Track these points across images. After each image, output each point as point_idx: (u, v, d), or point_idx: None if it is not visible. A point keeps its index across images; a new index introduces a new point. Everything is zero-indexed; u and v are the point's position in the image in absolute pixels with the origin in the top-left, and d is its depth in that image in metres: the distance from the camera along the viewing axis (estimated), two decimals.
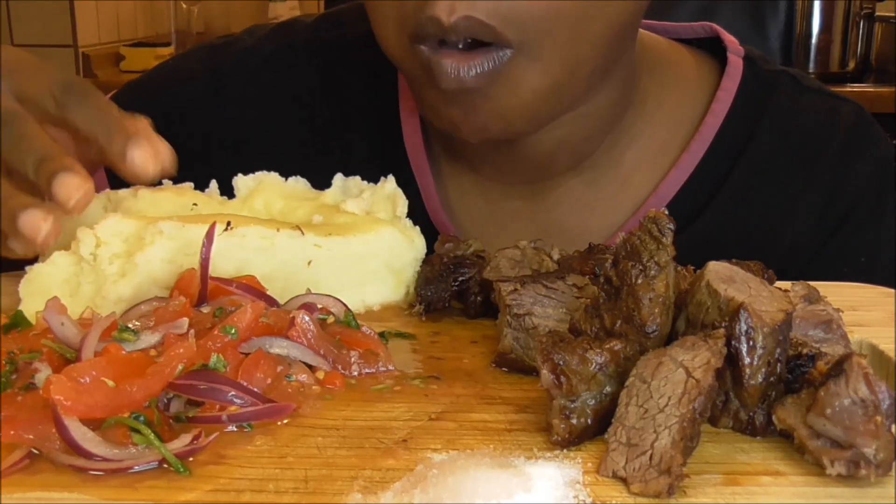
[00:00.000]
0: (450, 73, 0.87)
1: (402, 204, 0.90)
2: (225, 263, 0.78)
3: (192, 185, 0.89)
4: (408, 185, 1.08)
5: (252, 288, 0.76)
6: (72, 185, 0.73)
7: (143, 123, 0.80)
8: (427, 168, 1.09)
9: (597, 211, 1.07)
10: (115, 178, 1.15)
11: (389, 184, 0.91)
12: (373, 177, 0.95)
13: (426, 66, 0.89)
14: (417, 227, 0.90)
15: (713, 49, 1.13)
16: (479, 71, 0.87)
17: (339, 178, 0.93)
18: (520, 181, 1.07)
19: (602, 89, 0.99)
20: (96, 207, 0.84)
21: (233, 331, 0.67)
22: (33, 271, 0.77)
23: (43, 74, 0.81)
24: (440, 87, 0.89)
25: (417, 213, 1.08)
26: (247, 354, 0.67)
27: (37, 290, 0.76)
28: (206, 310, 0.73)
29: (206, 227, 0.77)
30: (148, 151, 0.77)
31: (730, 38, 1.12)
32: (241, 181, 0.90)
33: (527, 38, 0.87)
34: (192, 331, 0.68)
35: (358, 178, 0.93)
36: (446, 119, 0.93)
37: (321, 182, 0.94)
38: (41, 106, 0.79)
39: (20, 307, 0.75)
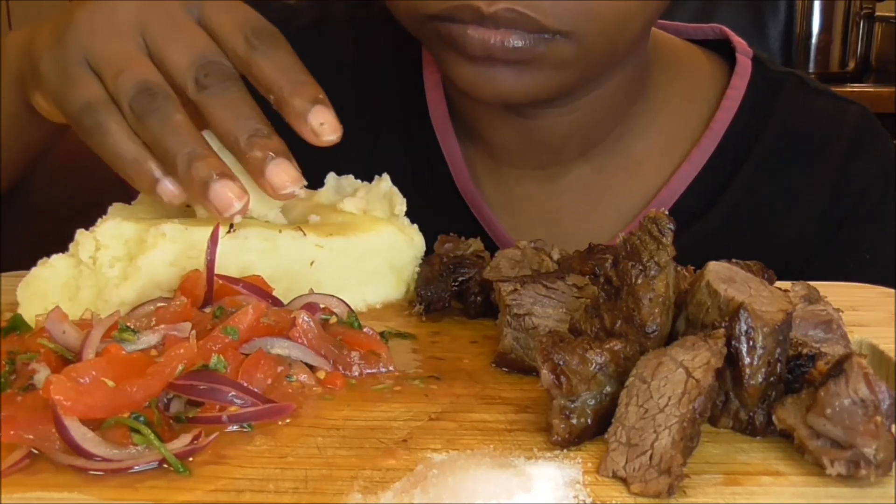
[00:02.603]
0: (477, 40, 0.85)
1: (401, 202, 0.90)
2: (228, 265, 0.78)
3: None
4: (435, 159, 1.09)
5: (258, 288, 0.76)
6: (231, 195, 0.72)
7: (319, 91, 0.77)
8: (454, 141, 1.09)
9: (607, 199, 1.08)
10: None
11: (385, 182, 0.91)
12: (401, 151, 0.94)
13: (449, 34, 0.87)
14: (415, 226, 0.90)
15: (722, 50, 1.14)
16: (513, 46, 0.85)
17: (332, 178, 0.93)
18: (532, 165, 1.08)
19: (615, 75, 1.00)
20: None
21: (234, 332, 0.67)
22: (31, 275, 0.76)
23: (237, 9, 0.79)
24: (465, 53, 0.87)
25: (445, 187, 1.08)
26: (247, 355, 0.67)
27: (35, 293, 0.76)
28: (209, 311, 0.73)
29: (208, 229, 0.77)
30: (329, 116, 0.75)
31: (738, 40, 1.14)
32: None
33: (572, 29, 0.86)
34: (193, 331, 0.68)
35: (351, 176, 0.93)
36: (466, 81, 0.91)
37: (350, 154, 0.93)
38: (230, 44, 0.76)
39: (19, 311, 0.75)
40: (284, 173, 0.73)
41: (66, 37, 0.77)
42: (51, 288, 0.76)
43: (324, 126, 0.75)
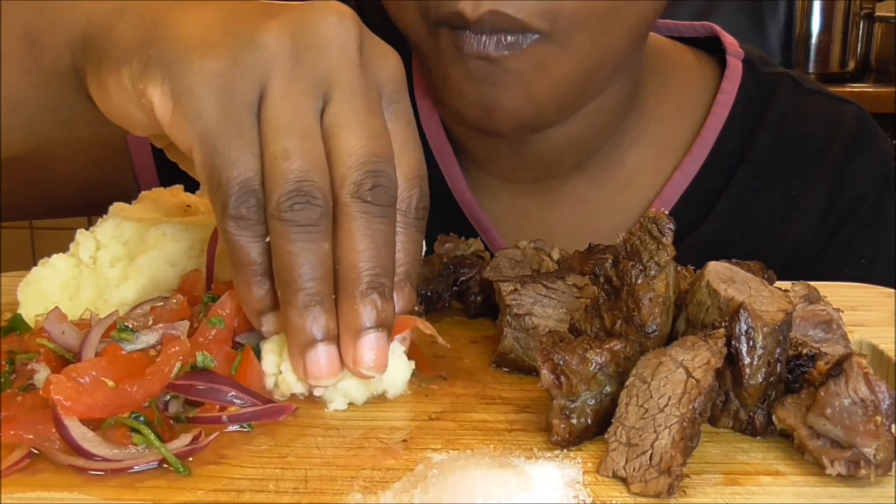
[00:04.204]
0: (472, 44, 0.86)
1: None
2: (229, 265, 0.78)
3: (182, 186, 0.88)
4: (431, 165, 1.08)
5: None
6: (328, 368, 0.62)
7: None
8: (449, 149, 1.08)
9: (601, 211, 1.07)
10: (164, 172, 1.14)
11: None
12: None
13: (448, 42, 0.88)
14: None
15: (714, 49, 1.13)
16: (503, 42, 0.86)
17: None
18: (525, 179, 1.07)
19: (612, 85, 0.99)
20: None
21: (219, 321, 0.67)
22: (31, 275, 0.76)
23: (417, 150, 0.66)
24: (463, 54, 0.87)
25: (442, 193, 1.07)
26: (235, 347, 0.67)
27: (35, 293, 0.76)
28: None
29: (208, 229, 0.77)
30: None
31: (730, 40, 1.12)
32: None
33: (556, 29, 0.86)
34: (185, 328, 0.68)
35: None
36: (476, 102, 0.90)
37: None
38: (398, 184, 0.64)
39: (19, 311, 0.75)
40: (378, 354, 0.62)
41: (245, 61, 0.62)
42: (51, 288, 0.76)
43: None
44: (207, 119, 0.61)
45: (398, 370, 0.66)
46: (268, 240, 0.62)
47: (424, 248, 0.88)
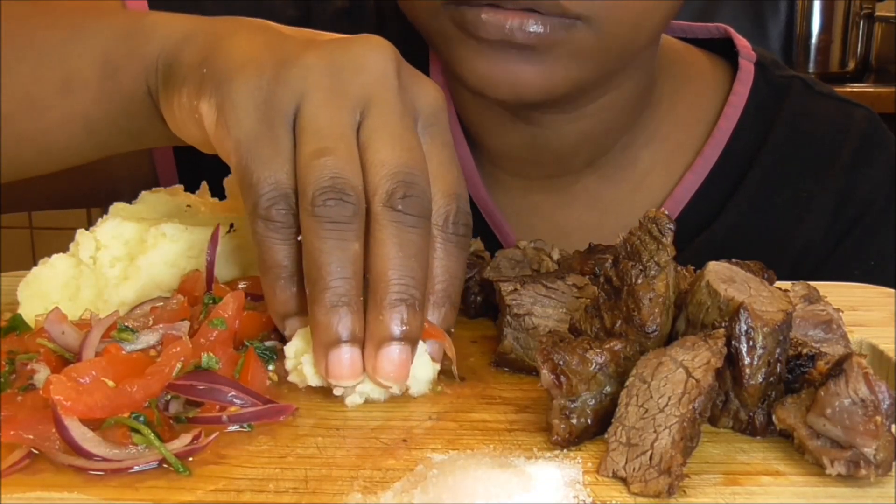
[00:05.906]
0: (492, 24, 0.83)
1: None
2: (228, 265, 0.78)
3: (182, 186, 0.88)
4: None
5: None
6: (350, 369, 0.62)
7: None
8: (464, 145, 1.07)
9: (613, 210, 1.08)
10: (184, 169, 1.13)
11: None
12: None
13: (463, 19, 0.85)
14: None
15: (726, 51, 1.14)
16: (533, 31, 0.84)
17: None
18: (539, 175, 1.07)
19: (626, 83, 0.99)
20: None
21: (221, 323, 0.67)
22: (31, 275, 0.76)
23: (455, 170, 0.68)
24: (479, 38, 0.84)
25: None
26: (238, 348, 0.67)
27: (35, 293, 0.76)
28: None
29: (208, 230, 0.77)
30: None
31: (743, 43, 1.13)
32: (230, 182, 0.89)
33: (592, 14, 0.84)
34: (186, 329, 0.68)
35: None
36: (482, 74, 0.88)
37: None
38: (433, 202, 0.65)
39: (19, 310, 0.75)
40: (398, 367, 0.62)
41: (285, 77, 0.65)
42: (51, 288, 0.76)
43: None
44: (244, 125, 0.64)
45: (422, 368, 0.66)
46: (299, 238, 0.63)
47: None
